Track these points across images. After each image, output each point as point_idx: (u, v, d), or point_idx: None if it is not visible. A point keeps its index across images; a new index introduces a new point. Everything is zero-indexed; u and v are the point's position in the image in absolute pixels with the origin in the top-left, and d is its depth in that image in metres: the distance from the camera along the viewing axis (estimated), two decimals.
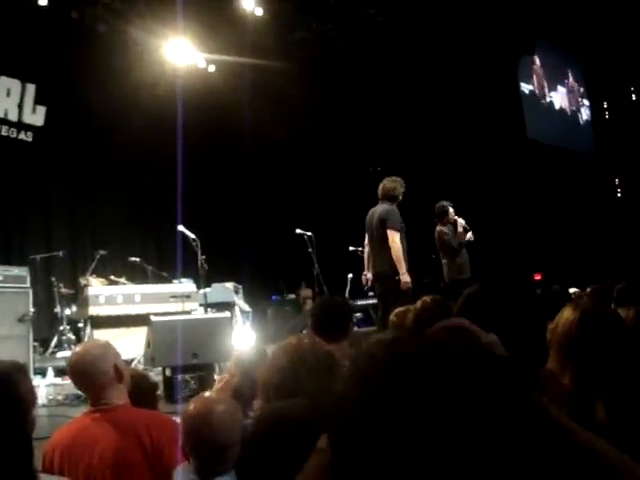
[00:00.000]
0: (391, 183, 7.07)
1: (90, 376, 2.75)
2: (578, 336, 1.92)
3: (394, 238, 6.67)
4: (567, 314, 2.00)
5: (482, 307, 1.55)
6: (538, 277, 13.23)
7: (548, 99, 15.75)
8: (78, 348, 2.98)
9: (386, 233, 6.71)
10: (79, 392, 6.34)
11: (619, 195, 16.77)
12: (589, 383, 1.85)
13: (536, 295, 4.61)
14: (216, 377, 6.27)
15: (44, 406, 5.98)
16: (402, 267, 6.64)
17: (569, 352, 1.92)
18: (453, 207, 8.01)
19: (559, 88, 16.25)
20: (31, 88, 11.07)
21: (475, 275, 7.69)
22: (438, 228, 7.96)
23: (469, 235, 7.93)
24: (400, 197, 7.03)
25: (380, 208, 6.94)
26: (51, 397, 6.37)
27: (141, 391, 3.13)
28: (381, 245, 6.81)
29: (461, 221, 7.89)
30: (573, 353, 1.91)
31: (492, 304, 1.58)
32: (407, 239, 6.92)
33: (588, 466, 1.03)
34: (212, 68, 12.23)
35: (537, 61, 15.37)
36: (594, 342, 1.90)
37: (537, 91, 15.37)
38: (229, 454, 2.09)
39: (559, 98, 16.19)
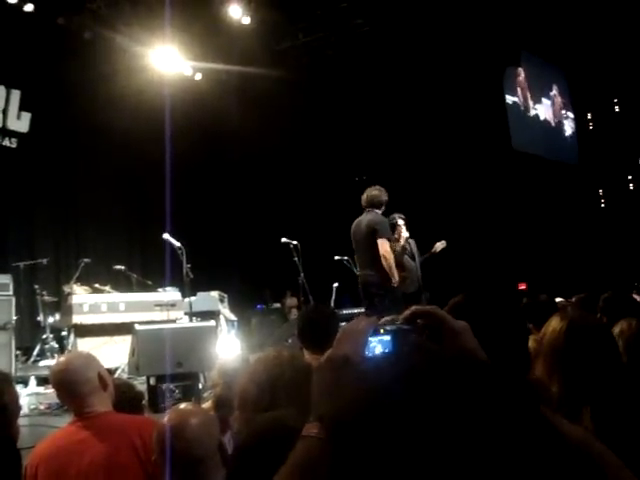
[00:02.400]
0: (374, 191, 7.03)
1: (73, 385, 2.73)
2: (565, 345, 1.94)
3: (386, 247, 6.64)
4: (555, 324, 2.01)
5: (465, 318, 1.55)
6: (523, 287, 13.29)
7: (533, 111, 15.88)
8: (61, 359, 2.96)
9: (376, 242, 6.68)
10: None
11: (603, 205, 16.91)
12: (576, 392, 1.86)
13: (519, 305, 4.63)
14: (201, 386, 6.27)
15: (26, 416, 5.91)
16: (394, 274, 6.62)
17: (557, 361, 1.93)
18: (404, 220, 7.74)
19: (543, 100, 16.38)
20: (16, 94, 11.00)
21: (461, 285, 7.70)
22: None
23: (440, 244, 7.90)
24: (384, 206, 7.01)
25: (368, 217, 6.88)
26: (33, 406, 6.29)
27: (126, 400, 3.11)
28: (369, 253, 6.77)
29: (404, 234, 7.63)
30: (560, 362, 1.92)
31: (475, 315, 1.58)
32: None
33: (580, 466, 1.04)
34: (199, 76, 12.23)
35: (522, 73, 15.49)
36: (581, 351, 1.91)
37: (522, 103, 15.49)
38: (202, 469, 2.05)
39: (543, 110, 16.32)
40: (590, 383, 1.87)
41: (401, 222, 7.72)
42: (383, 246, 6.64)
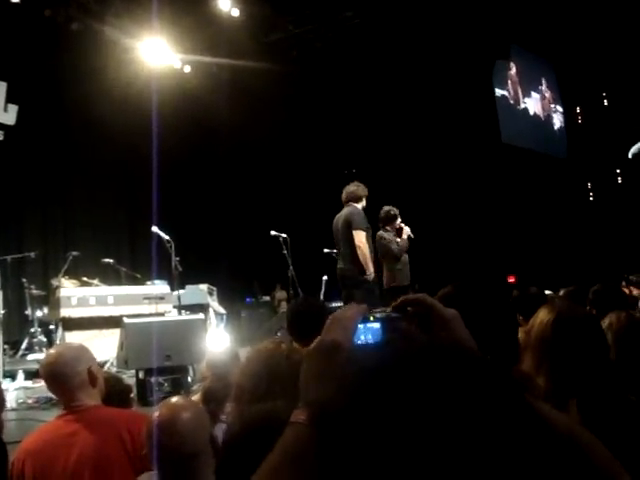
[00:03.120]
0: (352, 187, 7.11)
1: (63, 378, 2.71)
2: (553, 337, 1.93)
3: (360, 238, 6.70)
4: (542, 315, 2.00)
5: (454, 309, 1.53)
6: (512, 279, 13.34)
7: (522, 105, 15.91)
8: (52, 350, 2.93)
9: (352, 234, 6.73)
10: (50, 395, 6.28)
11: (591, 199, 16.99)
12: (564, 383, 1.86)
13: (509, 297, 4.64)
14: (190, 379, 6.27)
15: (13, 410, 5.89)
16: (369, 267, 6.67)
17: (544, 352, 1.93)
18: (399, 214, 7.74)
19: (533, 94, 16.41)
20: (2, 86, 10.90)
21: (449, 278, 7.70)
22: (379, 233, 7.60)
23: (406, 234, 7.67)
24: (363, 200, 7.03)
25: (345, 211, 6.99)
26: (21, 400, 6.27)
27: (115, 393, 3.10)
28: (347, 247, 6.83)
29: (407, 229, 7.64)
30: (548, 353, 1.92)
31: (464, 305, 1.56)
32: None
33: (565, 454, 1.05)
34: (188, 69, 12.17)
35: (513, 67, 15.51)
36: (569, 343, 1.91)
37: (511, 96, 15.51)
38: (195, 464, 2.02)
39: (533, 103, 16.35)
40: (578, 375, 1.87)
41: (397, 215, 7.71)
42: (358, 237, 6.70)
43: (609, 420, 1.73)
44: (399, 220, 7.70)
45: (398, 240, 7.59)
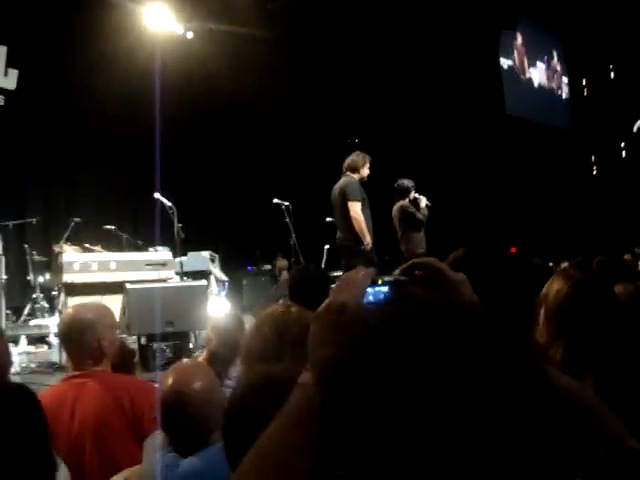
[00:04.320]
0: (353, 156, 7.12)
1: (74, 341, 2.75)
2: (571, 306, 1.89)
3: (355, 209, 6.70)
4: (558, 285, 1.96)
5: (466, 272, 1.51)
6: (513, 250, 13.34)
7: (528, 75, 15.77)
8: (70, 310, 2.95)
9: (347, 205, 6.72)
10: (53, 360, 6.34)
11: (594, 172, 16.92)
12: (581, 354, 1.83)
13: (523, 261, 4.62)
14: (191, 345, 6.29)
15: (17, 374, 5.92)
16: (366, 237, 6.68)
17: (562, 323, 1.90)
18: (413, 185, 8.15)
19: (539, 65, 16.26)
20: (2, 50, 10.79)
21: (452, 247, 7.71)
22: (401, 203, 7.99)
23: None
24: (363, 170, 7.02)
25: (341, 181, 6.99)
26: (24, 365, 6.32)
27: (120, 357, 3.11)
28: (343, 217, 6.85)
29: (423, 198, 8.03)
30: (566, 324, 1.89)
31: (477, 269, 1.54)
32: (384, 212, 6.93)
33: (576, 419, 1.04)
34: (190, 35, 12.03)
35: (519, 37, 15.34)
36: (588, 312, 1.88)
37: (517, 67, 15.37)
38: (207, 431, 2.02)
39: (538, 75, 16.21)
40: (595, 345, 1.85)
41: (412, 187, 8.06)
42: (353, 208, 6.71)
43: (624, 391, 1.72)
44: (413, 192, 7.98)
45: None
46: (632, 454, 1.17)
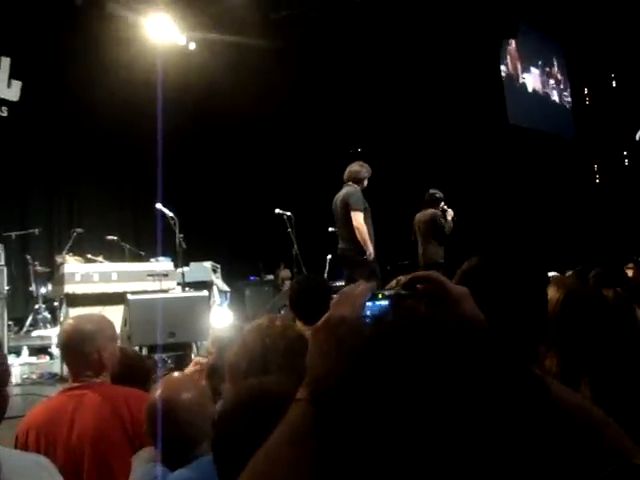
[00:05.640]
0: (356, 167, 7.12)
1: (75, 352, 2.74)
2: (563, 315, 1.89)
3: (358, 219, 6.71)
4: (551, 293, 1.96)
5: (482, 282, 1.49)
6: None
7: (521, 80, 15.76)
8: (71, 321, 2.94)
9: (350, 215, 6.73)
10: (54, 371, 6.33)
11: (597, 181, 16.90)
12: (574, 363, 1.83)
13: (539, 270, 4.59)
14: (194, 357, 6.27)
15: (18, 385, 5.93)
16: (368, 247, 6.68)
17: (554, 331, 1.89)
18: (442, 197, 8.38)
19: (533, 70, 16.23)
20: (6, 62, 10.85)
21: (455, 259, 7.72)
22: (431, 211, 8.15)
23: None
24: (365, 181, 7.06)
25: (343, 191, 6.98)
26: (25, 376, 6.32)
27: (136, 371, 3.09)
28: (346, 227, 6.85)
29: (450, 211, 8.20)
30: (558, 332, 1.88)
31: (493, 279, 1.52)
32: (387, 221, 6.93)
33: (576, 431, 1.03)
34: (192, 46, 12.08)
35: (512, 43, 15.30)
36: (579, 321, 1.88)
37: (511, 72, 15.34)
38: (195, 441, 2.01)
39: (532, 80, 16.18)
40: (588, 354, 1.84)
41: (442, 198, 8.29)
42: (356, 218, 6.71)
43: (620, 398, 1.71)
44: (442, 203, 8.22)
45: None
46: None
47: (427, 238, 8.12)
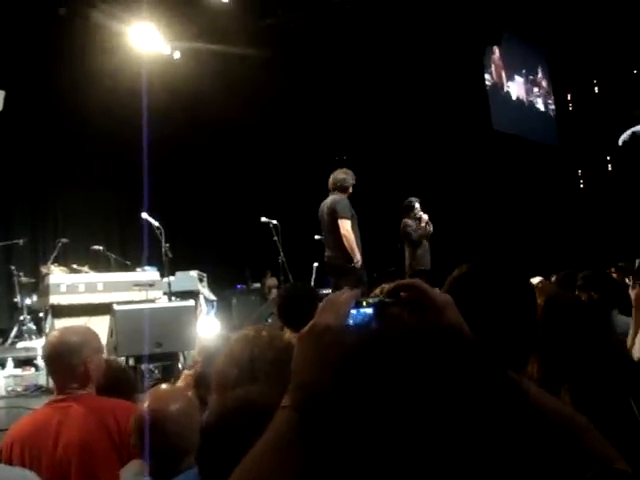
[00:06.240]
0: (341, 174, 7.12)
1: (59, 365, 2.74)
2: (543, 322, 1.91)
3: (345, 226, 6.71)
4: None
5: (472, 290, 1.50)
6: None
7: (506, 89, 15.87)
8: (56, 333, 2.92)
9: (337, 223, 6.74)
10: (39, 383, 6.27)
11: (582, 186, 17.03)
12: (555, 369, 1.84)
13: (527, 278, 4.61)
14: (180, 367, 6.24)
15: (3, 397, 5.87)
16: (356, 254, 6.68)
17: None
18: (420, 203, 8.50)
19: (517, 78, 16.35)
20: None
21: (439, 265, 7.76)
22: (403, 220, 8.37)
23: (428, 229, 8.43)
24: (350, 189, 7.07)
25: (329, 199, 6.98)
26: (10, 388, 6.24)
27: (120, 383, 3.08)
28: (332, 235, 6.86)
29: (424, 217, 8.35)
30: (539, 339, 1.90)
31: (483, 287, 1.53)
32: (372, 229, 6.95)
33: (554, 435, 1.05)
34: (177, 55, 12.07)
35: (496, 51, 15.41)
36: (559, 328, 1.89)
37: (495, 80, 15.44)
38: (182, 452, 2.00)
39: (516, 88, 16.29)
40: (568, 360, 1.85)
41: (417, 205, 8.42)
42: (343, 225, 6.72)
43: (601, 404, 1.72)
44: (418, 209, 8.37)
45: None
46: (621, 477, 1.17)
47: (405, 247, 8.40)
